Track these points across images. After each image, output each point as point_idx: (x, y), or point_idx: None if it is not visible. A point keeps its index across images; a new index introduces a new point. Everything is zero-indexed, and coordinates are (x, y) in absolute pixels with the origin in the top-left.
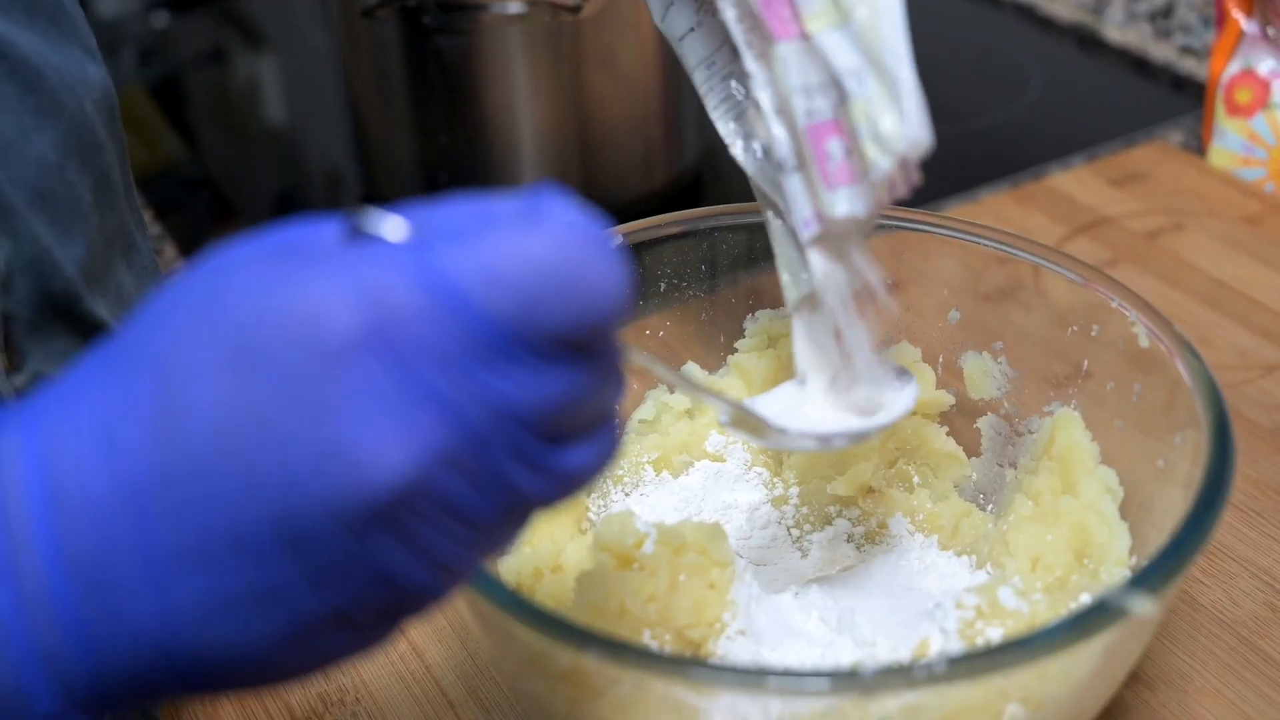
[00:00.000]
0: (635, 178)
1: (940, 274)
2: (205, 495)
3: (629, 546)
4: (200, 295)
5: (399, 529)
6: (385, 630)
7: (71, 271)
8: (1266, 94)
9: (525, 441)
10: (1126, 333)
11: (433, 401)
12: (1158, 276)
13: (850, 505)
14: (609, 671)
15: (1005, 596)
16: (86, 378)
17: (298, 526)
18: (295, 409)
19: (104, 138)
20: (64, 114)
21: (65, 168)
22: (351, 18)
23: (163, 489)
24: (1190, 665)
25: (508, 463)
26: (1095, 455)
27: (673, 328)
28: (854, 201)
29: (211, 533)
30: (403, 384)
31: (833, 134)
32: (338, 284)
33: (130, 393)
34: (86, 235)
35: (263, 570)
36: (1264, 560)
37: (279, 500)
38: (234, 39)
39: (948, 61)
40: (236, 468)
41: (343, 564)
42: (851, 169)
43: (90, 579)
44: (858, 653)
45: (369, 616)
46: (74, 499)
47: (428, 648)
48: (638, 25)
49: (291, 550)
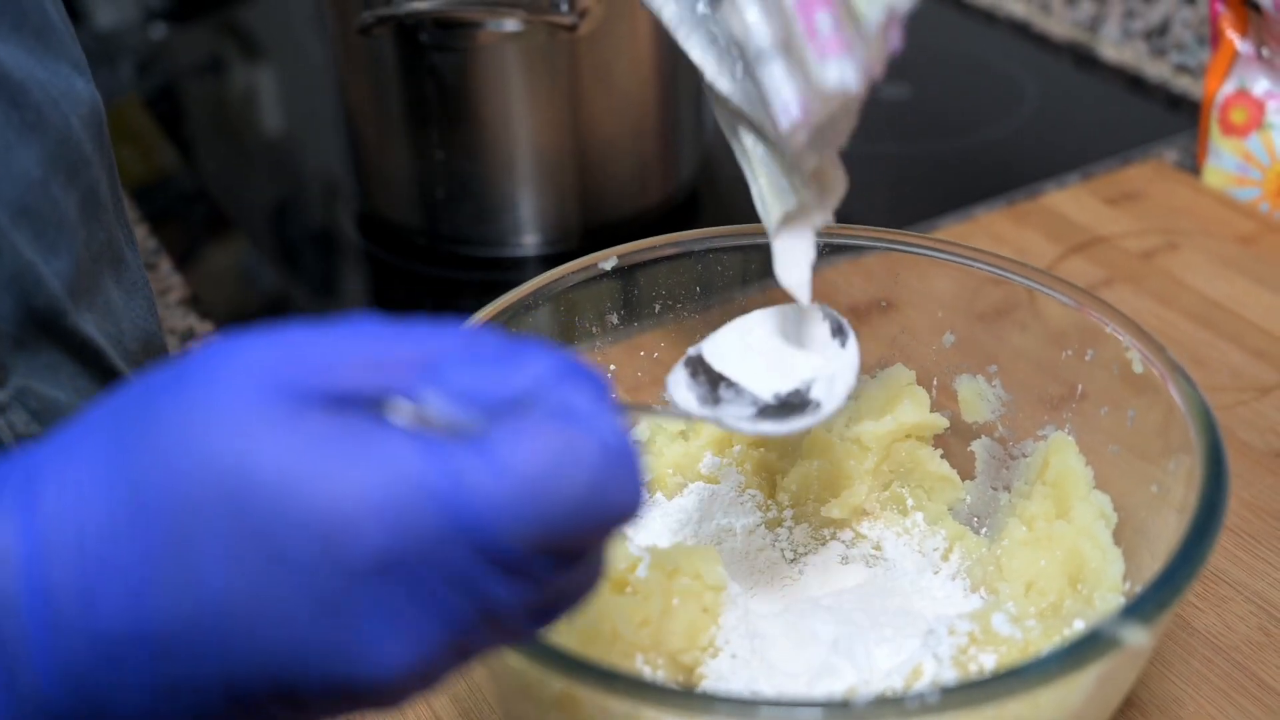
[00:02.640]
0: (631, 194)
1: (935, 296)
2: (208, 652)
3: (622, 571)
4: (221, 460)
5: (388, 696)
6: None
7: (56, 287)
8: (1261, 114)
9: (508, 623)
10: (1120, 357)
11: (438, 610)
12: (1152, 296)
13: (844, 528)
14: (601, 699)
15: (999, 623)
16: (91, 477)
17: (294, 693)
18: (309, 608)
19: (91, 153)
20: (49, 130)
21: (50, 183)
22: (348, 34)
23: (167, 640)
24: (1183, 690)
25: (489, 639)
26: (1089, 480)
27: (666, 349)
28: (845, 71)
29: (208, 679)
30: (415, 598)
31: (821, 7)
32: (367, 495)
33: (139, 538)
34: (73, 250)
35: (252, 713)
36: (1258, 584)
37: (280, 672)
38: (232, 50)
39: (942, 78)
40: (244, 639)
41: (328, 710)
42: (841, 39)
43: (85, 699)
44: (851, 678)
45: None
46: (75, 626)
47: None
48: (634, 43)
49: (284, 704)
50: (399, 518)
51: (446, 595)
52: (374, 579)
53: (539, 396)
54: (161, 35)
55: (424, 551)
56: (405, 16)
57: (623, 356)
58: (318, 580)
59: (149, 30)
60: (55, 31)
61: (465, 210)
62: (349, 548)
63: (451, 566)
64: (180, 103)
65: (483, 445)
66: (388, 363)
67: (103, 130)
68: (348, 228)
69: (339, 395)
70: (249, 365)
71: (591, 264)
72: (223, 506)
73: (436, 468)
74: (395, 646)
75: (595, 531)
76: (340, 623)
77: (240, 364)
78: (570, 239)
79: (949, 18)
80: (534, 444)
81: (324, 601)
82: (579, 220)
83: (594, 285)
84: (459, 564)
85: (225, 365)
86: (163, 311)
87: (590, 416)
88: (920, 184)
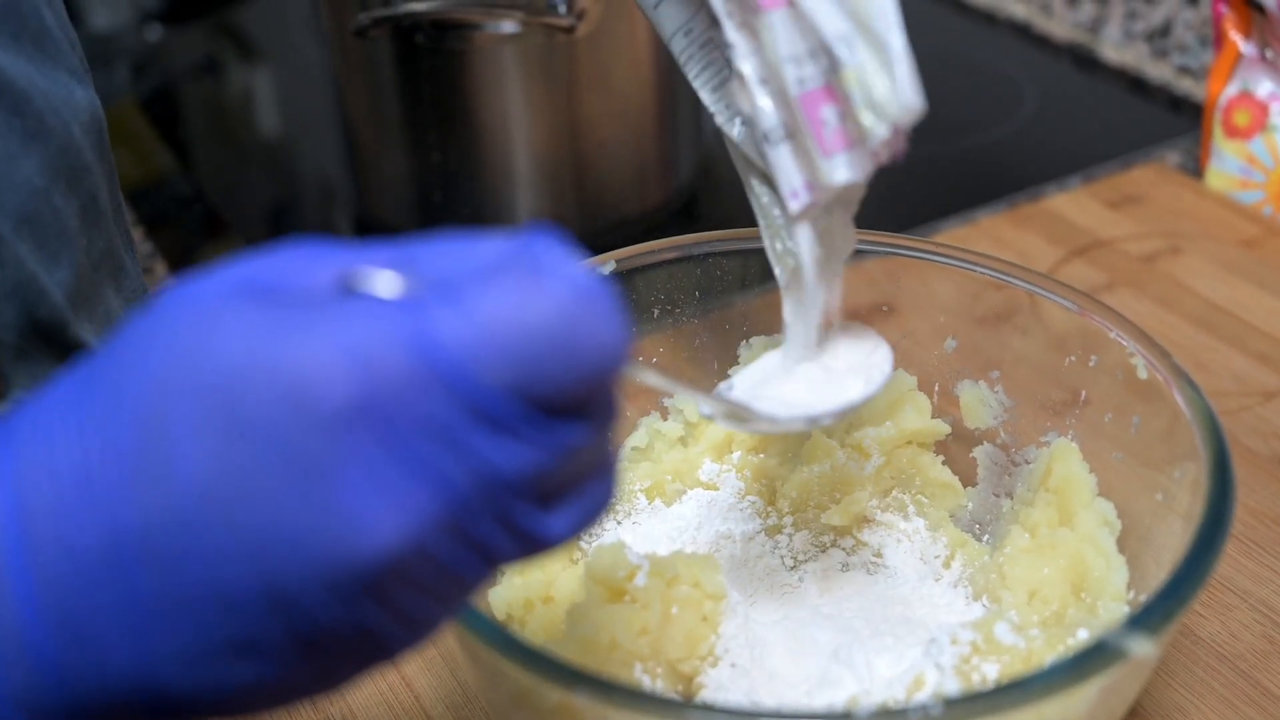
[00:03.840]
0: (629, 197)
1: (936, 300)
2: (189, 550)
3: (620, 579)
4: (185, 341)
5: (386, 594)
6: (358, 674)
7: (58, 297)
8: (1265, 117)
9: (514, 507)
10: (1125, 363)
11: (424, 471)
12: (1155, 300)
13: (845, 535)
14: (598, 710)
15: (1001, 632)
16: (63, 414)
17: (285, 588)
18: (285, 476)
19: (91, 161)
20: (51, 138)
21: (52, 192)
22: (344, 36)
23: (145, 541)
24: (1188, 699)
25: (495, 529)
26: (1093, 487)
27: (666, 353)
28: (852, 167)
29: (195, 587)
30: (394, 454)
31: (826, 101)
32: (330, 349)
33: (110, 439)
34: (74, 259)
35: (246, 625)
36: (1262, 592)
37: (267, 562)
38: (228, 52)
39: (942, 80)
40: (223, 527)
41: (328, 625)
42: (846, 135)
43: (69, 627)
44: (852, 687)
45: (347, 667)
46: (51, 545)
47: (416, 677)
48: (632, 45)
49: (277, 609)
50: (366, 365)
51: (428, 449)
52: (346, 433)
53: (508, 260)
54: (157, 37)
55: (396, 396)
56: (402, 18)
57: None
58: (289, 444)
59: (144, 32)
60: (54, 40)
61: (462, 213)
62: (316, 402)
63: (428, 414)
64: (176, 105)
65: (450, 295)
66: (354, 259)
67: (103, 138)
68: (344, 230)
69: (307, 288)
70: (216, 275)
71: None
72: (188, 388)
73: (403, 317)
74: (381, 510)
75: (578, 374)
76: (318, 487)
77: (207, 276)
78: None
79: (949, 19)
80: (502, 288)
81: (299, 467)
82: (576, 224)
83: None
84: (436, 411)
85: (191, 281)
86: None
87: (559, 264)
88: (920, 187)
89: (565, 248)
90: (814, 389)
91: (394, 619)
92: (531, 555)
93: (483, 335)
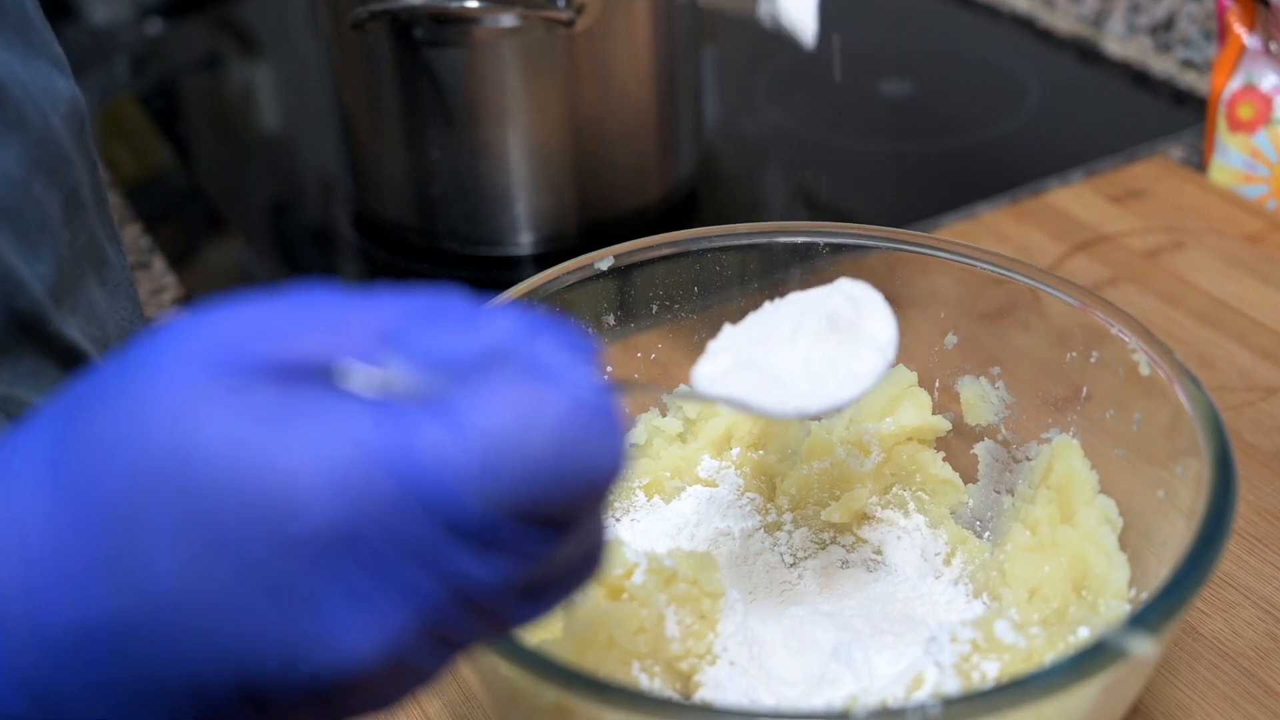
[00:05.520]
0: (630, 192)
1: (937, 296)
2: (161, 646)
3: (618, 577)
4: (161, 439)
5: (362, 692)
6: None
7: (38, 290)
8: (1268, 110)
9: (494, 606)
10: (1126, 360)
11: (403, 590)
12: (1157, 296)
13: (845, 532)
14: (595, 709)
15: (1002, 630)
16: (35, 489)
17: (260, 688)
18: (260, 592)
19: (72, 152)
20: (29, 129)
21: (31, 184)
22: (342, 30)
23: (116, 634)
24: (1190, 697)
25: (473, 625)
26: (1094, 484)
27: (664, 349)
28: None
29: (167, 679)
30: (373, 575)
31: None
32: (310, 467)
33: (82, 530)
34: (56, 252)
35: (220, 712)
36: (1265, 589)
37: (242, 666)
38: (227, 47)
39: (945, 74)
40: (197, 631)
41: (305, 715)
42: None
43: (41, 700)
44: (851, 686)
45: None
46: (23, 626)
47: None
48: (631, 39)
49: (252, 703)
50: (347, 487)
51: (409, 571)
52: (326, 556)
53: (507, 356)
54: (156, 32)
55: (378, 522)
56: (399, 11)
57: (619, 358)
58: (266, 561)
59: (144, 27)
60: (34, 28)
61: (461, 208)
62: (295, 523)
63: (410, 538)
64: (175, 100)
65: (440, 406)
66: (343, 328)
67: (84, 129)
68: (344, 226)
69: (289, 365)
70: (195, 344)
71: (587, 264)
72: (163, 491)
73: (389, 432)
74: (358, 631)
75: (573, 494)
76: (296, 607)
77: (186, 344)
78: (567, 237)
79: (951, 13)
80: (496, 401)
81: (275, 584)
82: (576, 219)
83: (590, 285)
84: (418, 535)
85: (170, 347)
86: (156, 311)
87: (561, 371)
88: (922, 182)
89: (570, 343)
90: (812, 367)
91: (369, 704)
92: (508, 631)
93: (471, 457)
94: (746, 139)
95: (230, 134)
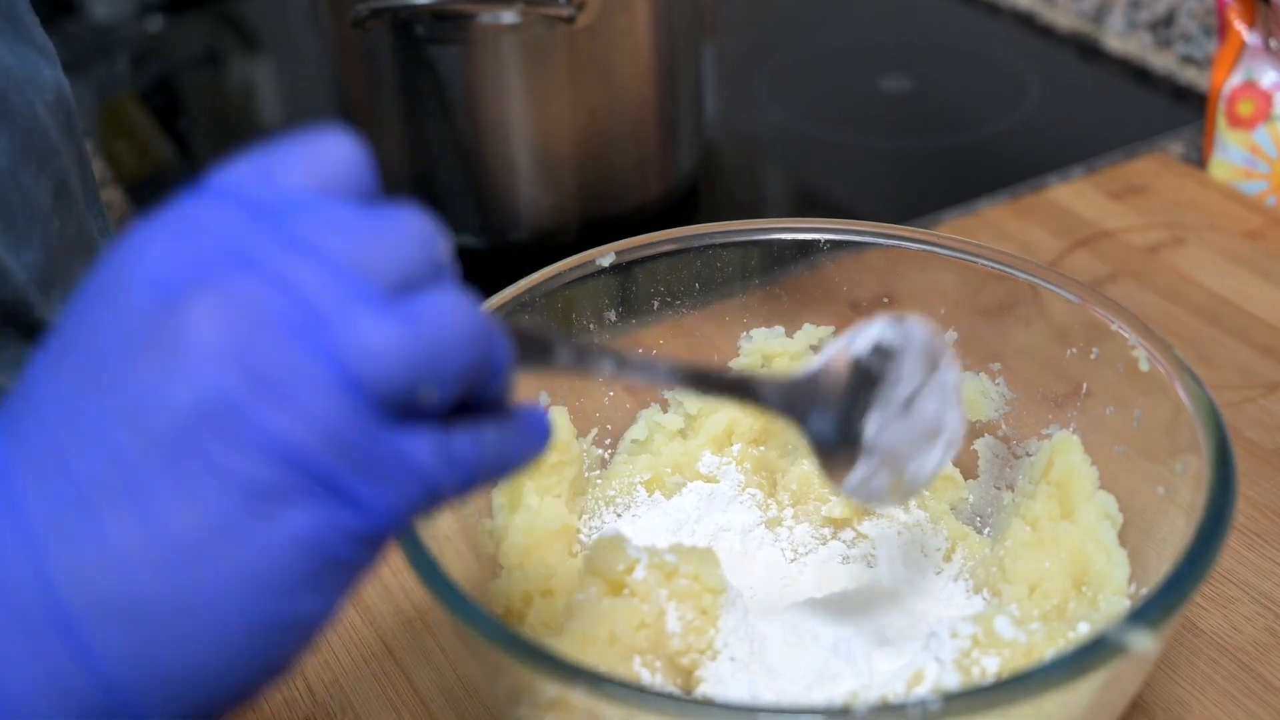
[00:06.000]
0: (630, 188)
1: (937, 292)
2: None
3: (620, 572)
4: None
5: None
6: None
7: (23, 278)
8: (1268, 106)
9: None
10: (1126, 356)
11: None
12: (1157, 292)
13: (845, 528)
14: (597, 704)
15: (1002, 626)
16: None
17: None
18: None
19: (59, 142)
20: (16, 117)
21: (18, 173)
22: (343, 27)
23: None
24: (1189, 693)
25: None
26: (1094, 480)
27: (666, 345)
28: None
29: None
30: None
31: None
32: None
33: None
34: (44, 241)
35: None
36: (1265, 584)
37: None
38: (228, 43)
39: (945, 70)
40: None
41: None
42: None
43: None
44: (852, 682)
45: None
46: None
47: (416, 671)
48: (632, 35)
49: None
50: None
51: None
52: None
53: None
54: (157, 28)
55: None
56: (400, 9)
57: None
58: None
59: (145, 23)
60: (19, 17)
61: (462, 205)
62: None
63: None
64: (176, 96)
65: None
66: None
67: (71, 118)
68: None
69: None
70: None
71: (589, 260)
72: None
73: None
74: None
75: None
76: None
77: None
78: (568, 234)
79: (952, 10)
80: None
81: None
82: (576, 215)
83: (591, 282)
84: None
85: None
86: None
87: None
88: (922, 178)
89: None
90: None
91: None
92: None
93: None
94: (747, 135)
95: (231, 130)
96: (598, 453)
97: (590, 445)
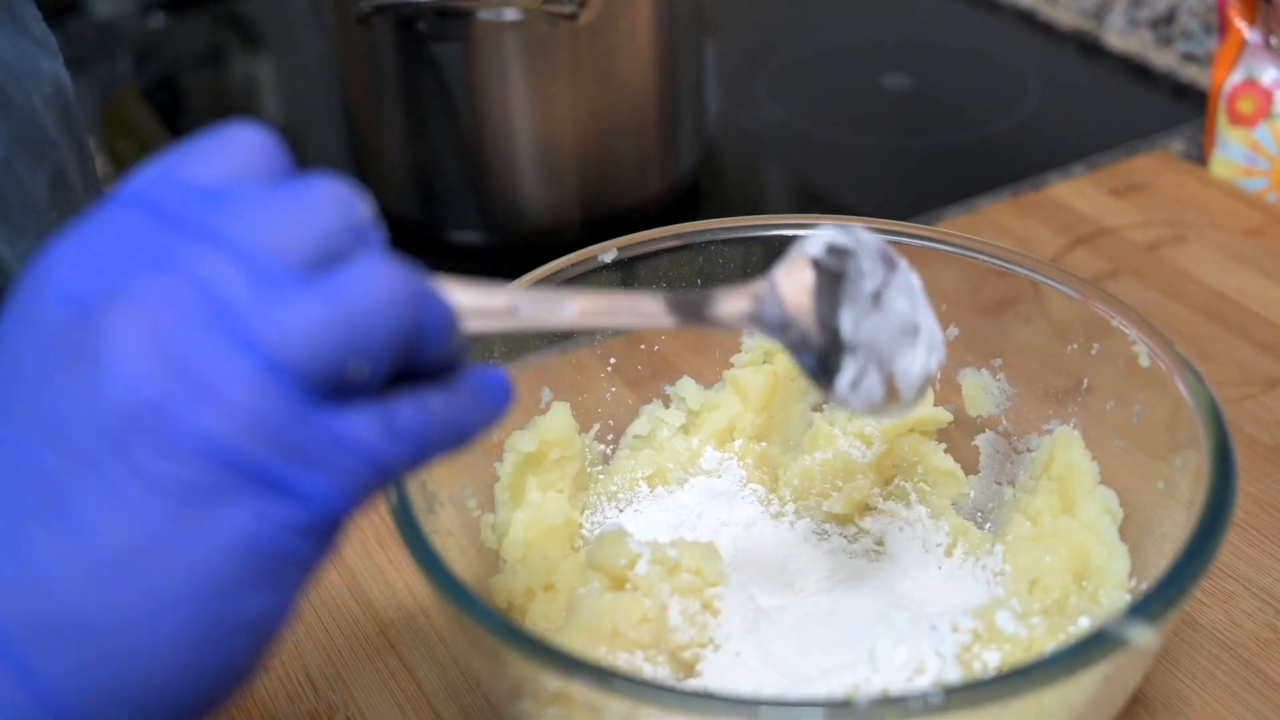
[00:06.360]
0: (632, 185)
1: (938, 288)
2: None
3: (622, 567)
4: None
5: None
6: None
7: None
8: (1269, 104)
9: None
10: (1127, 351)
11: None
12: (1158, 289)
13: (846, 523)
14: (599, 698)
15: (1003, 620)
16: None
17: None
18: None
19: (57, 134)
20: (11, 108)
21: (14, 163)
22: (346, 24)
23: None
24: (1190, 688)
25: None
26: (1094, 475)
27: (668, 341)
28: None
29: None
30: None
31: None
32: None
33: None
34: (41, 233)
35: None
36: (1265, 580)
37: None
38: (230, 41)
39: (946, 69)
40: None
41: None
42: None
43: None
44: (853, 675)
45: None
46: None
47: (419, 665)
48: (635, 32)
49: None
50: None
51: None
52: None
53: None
54: (160, 25)
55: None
56: (402, 6)
57: (623, 350)
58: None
59: (147, 20)
60: (17, 9)
61: (464, 201)
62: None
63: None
64: (179, 94)
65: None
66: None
67: (70, 111)
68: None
69: None
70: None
71: (591, 256)
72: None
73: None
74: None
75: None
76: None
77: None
78: (569, 231)
79: (953, 7)
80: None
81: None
82: (578, 212)
83: (594, 277)
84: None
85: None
86: None
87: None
88: (923, 175)
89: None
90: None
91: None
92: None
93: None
94: (748, 133)
95: None
96: (600, 448)
97: (592, 440)
